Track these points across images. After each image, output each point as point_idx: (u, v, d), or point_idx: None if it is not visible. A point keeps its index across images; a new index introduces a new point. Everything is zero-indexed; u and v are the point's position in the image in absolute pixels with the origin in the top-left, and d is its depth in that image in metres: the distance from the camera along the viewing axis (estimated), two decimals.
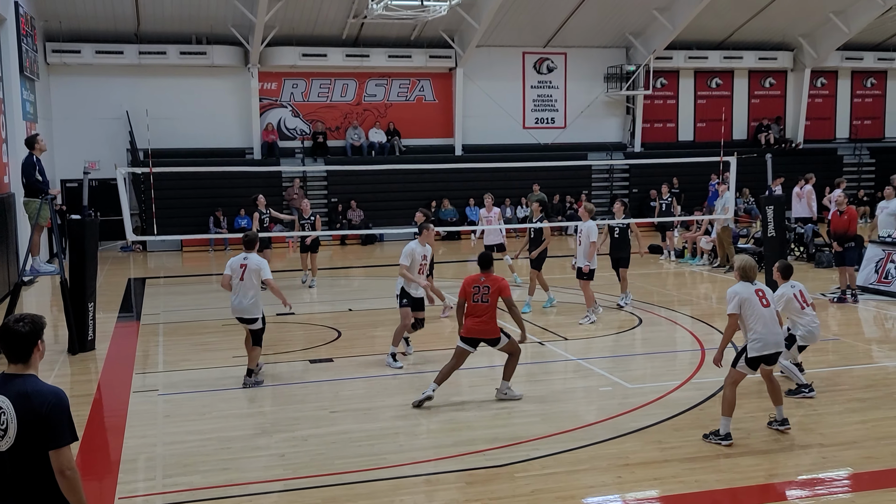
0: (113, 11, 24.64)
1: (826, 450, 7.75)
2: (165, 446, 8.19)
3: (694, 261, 20.20)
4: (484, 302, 9.28)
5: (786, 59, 31.59)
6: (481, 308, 9.29)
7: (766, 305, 7.92)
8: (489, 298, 9.28)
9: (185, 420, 9.05)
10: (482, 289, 9.33)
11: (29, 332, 4.35)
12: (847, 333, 12.85)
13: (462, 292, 9.43)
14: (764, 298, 7.95)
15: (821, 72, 32.21)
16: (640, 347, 12.30)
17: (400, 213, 26.86)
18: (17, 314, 4.48)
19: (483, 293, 9.31)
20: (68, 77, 25.57)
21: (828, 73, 32.47)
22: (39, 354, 4.42)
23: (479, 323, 9.30)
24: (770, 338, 7.87)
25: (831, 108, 33.09)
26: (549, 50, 29.70)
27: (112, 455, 8.06)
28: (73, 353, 11.93)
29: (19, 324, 4.36)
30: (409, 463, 7.58)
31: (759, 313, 7.86)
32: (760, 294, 7.94)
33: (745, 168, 17.42)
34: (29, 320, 4.39)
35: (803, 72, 31.63)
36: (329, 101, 28.18)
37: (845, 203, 15.77)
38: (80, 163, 16.75)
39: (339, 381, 10.44)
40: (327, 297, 16.86)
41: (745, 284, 8.00)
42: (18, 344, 4.34)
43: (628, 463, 7.49)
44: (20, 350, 4.35)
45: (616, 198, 29.49)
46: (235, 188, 25.24)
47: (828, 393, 9.52)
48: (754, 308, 7.86)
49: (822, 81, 32.57)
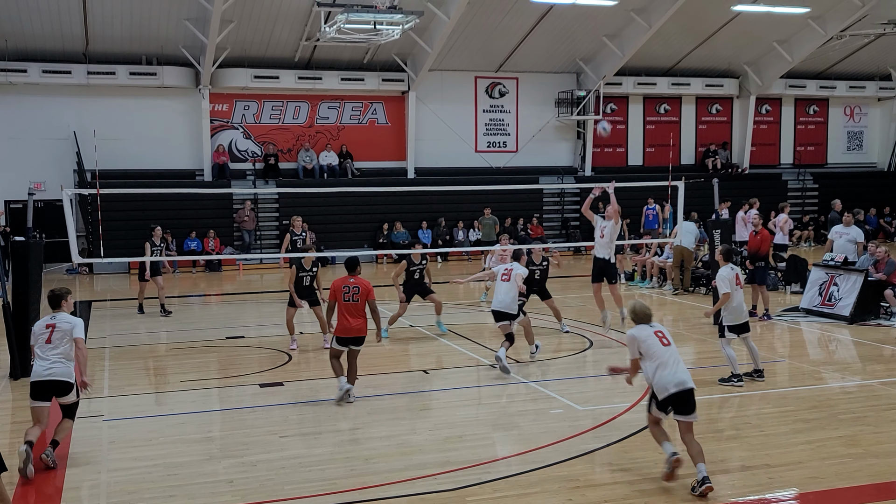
0: (61, 30, 24.31)
1: (773, 470, 7.86)
2: (110, 473, 8.01)
3: (644, 283, 20.45)
4: (354, 302, 10.08)
5: (732, 86, 32.30)
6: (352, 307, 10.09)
7: (667, 345, 7.62)
8: (359, 299, 10.09)
9: (130, 446, 8.86)
10: (352, 289, 10.13)
11: None
12: (793, 355, 13.09)
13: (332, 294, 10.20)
14: (664, 339, 7.65)
15: (765, 99, 33.00)
16: (591, 369, 12.37)
17: (352, 235, 26.84)
18: None
19: (353, 293, 10.11)
20: (14, 96, 25.13)
21: (772, 100, 33.27)
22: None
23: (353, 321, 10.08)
24: (670, 378, 7.44)
25: (776, 135, 33.88)
26: (500, 75, 29.99)
27: (56, 482, 7.85)
28: (15, 379, 11.65)
29: None
30: (360, 487, 7.52)
31: (660, 354, 7.54)
32: (660, 335, 7.66)
33: (692, 192, 17.76)
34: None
35: (749, 98, 32.37)
36: (281, 122, 28.07)
37: (760, 224, 16.40)
38: (25, 183, 16.49)
39: (289, 406, 10.33)
40: (277, 321, 16.70)
41: (643, 327, 7.73)
42: None
43: (578, 485, 7.52)
44: None
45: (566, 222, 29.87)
46: (185, 210, 24.96)
47: (775, 414, 9.68)
48: (654, 349, 7.56)
49: (767, 108, 33.35)
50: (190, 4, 23.53)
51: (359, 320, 10.13)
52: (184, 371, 12.26)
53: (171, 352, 13.58)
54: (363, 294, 10.11)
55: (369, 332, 10.45)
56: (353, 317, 10.09)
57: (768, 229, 17.79)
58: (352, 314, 10.09)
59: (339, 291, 10.16)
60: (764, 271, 16.07)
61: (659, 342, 7.60)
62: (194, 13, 23.94)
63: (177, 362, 12.87)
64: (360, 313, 10.14)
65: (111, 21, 24.19)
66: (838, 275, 15.90)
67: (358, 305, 10.10)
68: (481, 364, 12.47)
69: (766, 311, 15.82)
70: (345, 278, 10.28)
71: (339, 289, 10.17)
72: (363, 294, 10.11)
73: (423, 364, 12.62)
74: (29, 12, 23.27)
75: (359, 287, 10.13)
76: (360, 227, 27.33)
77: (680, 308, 17.47)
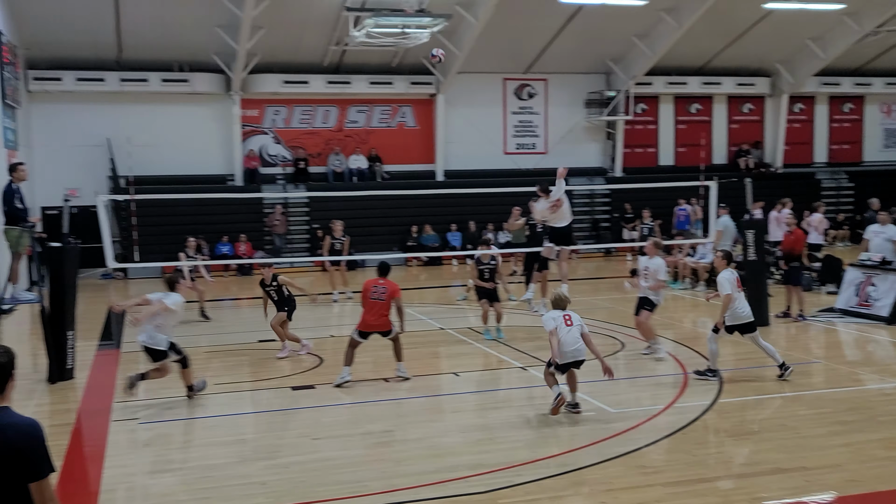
0: (94, 39, 24.63)
1: (810, 473, 7.76)
2: (146, 476, 8.10)
3: (676, 285, 20.27)
4: (381, 301, 11.17)
5: (764, 85, 31.96)
6: (378, 305, 11.19)
7: (569, 325, 9.71)
8: (385, 297, 11.18)
9: (165, 449, 8.95)
10: (379, 289, 11.22)
11: (6, 364, 4.28)
12: (829, 356, 12.91)
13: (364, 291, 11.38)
14: (569, 321, 9.75)
15: (798, 97, 32.60)
16: (623, 372, 12.28)
17: (381, 238, 26.89)
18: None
19: (380, 293, 11.20)
20: (50, 104, 25.49)
21: (805, 98, 32.86)
22: (13, 385, 4.35)
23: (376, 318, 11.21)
24: (568, 350, 9.64)
25: (809, 133, 33.46)
26: (529, 76, 29.93)
27: (91, 485, 7.94)
28: (53, 382, 11.79)
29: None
30: (391, 490, 7.52)
31: (563, 332, 9.67)
32: (566, 318, 9.75)
33: (724, 192, 17.61)
34: (3, 351, 4.31)
35: (781, 97, 32.00)
36: (311, 127, 28.23)
37: (794, 224, 16.24)
38: (60, 190, 16.69)
39: (321, 408, 10.38)
40: (309, 324, 16.77)
41: (557, 311, 9.84)
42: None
43: (612, 489, 7.47)
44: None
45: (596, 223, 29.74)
46: (217, 214, 25.17)
47: (811, 416, 9.55)
48: (560, 329, 9.66)
49: (800, 107, 32.95)
50: (221, 11, 23.74)
51: (382, 318, 11.25)
52: (217, 374, 12.36)
53: (204, 355, 13.68)
54: (389, 294, 11.21)
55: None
56: (378, 314, 11.22)
57: (802, 229, 17.59)
58: (378, 312, 11.22)
59: (367, 290, 11.31)
60: (799, 271, 15.88)
61: (564, 323, 9.69)
62: (225, 20, 24.15)
63: (210, 365, 12.96)
64: (385, 311, 11.26)
65: (143, 29, 24.48)
66: (875, 275, 15.66)
67: (384, 304, 11.20)
68: (512, 366, 12.44)
69: (800, 311, 15.62)
70: (375, 280, 11.39)
71: (369, 288, 11.30)
72: (389, 294, 11.21)
73: (454, 366, 12.62)
74: (63, 22, 23.61)
75: (386, 288, 11.22)
76: (389, 230, 27.38)
77: (713, 309, 17.28)
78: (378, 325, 11.30)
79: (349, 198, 25.42)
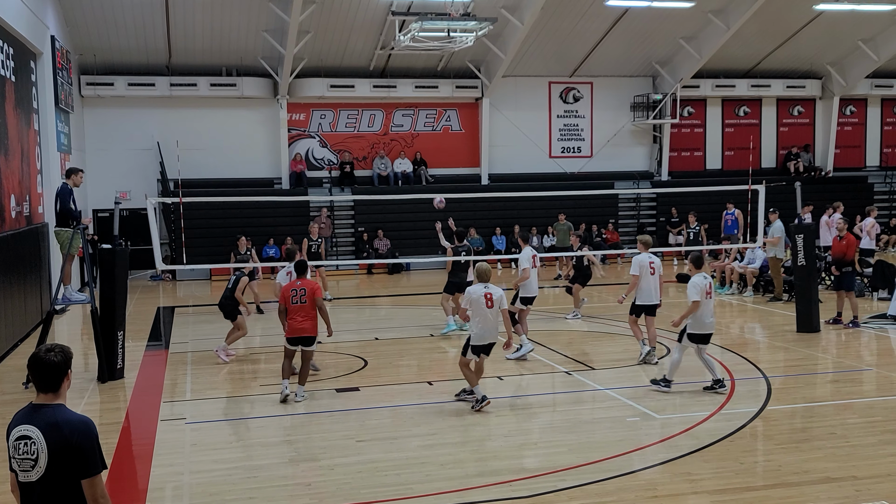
0: (145, 45, 25.10)
1: (860, 482, 7.61)
2: (192, 475, 8.22)
3: (723, 290, 20.01)
4: (302, 303, 10.59)
5: (814, 87, 31.43)
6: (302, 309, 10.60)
7: (490, 307, 9.61)
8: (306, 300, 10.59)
9: (212, 449, 9.07)
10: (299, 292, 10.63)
11: (60, 362, 4.39)
12: (881, 364, 12.65)
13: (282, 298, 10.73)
14: (490, 301, 9.62)
15: (850, 100, 32.00)
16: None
17: (426, 242, 26.92)
18: (47, 344, 4.52)
19: (300, 296, 10.60)
20: (101, 109, 26.01)
21: (857, 100, 32.25)
22: (68, 384, 4.47)
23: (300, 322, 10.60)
24: (486, 333, 9.63)
25: (861, 136, 32.82)
26: (575, 79, 29.79)
27: (140, 483, 8.09)
28: (103, 382, 12.03)
29: (51, 354, 4.37)
30: (435, 493, 7.54)
31: (483, 312, 9.59)
32: (488, 296, 9.61)
33: (774, 196, 17.34)
34: (59, 350, 4.41)
35: (832, 100, 31.45)
36: (356, 131, 28.41)
37: (845, 229, 15.81)
38: (111, 193, 17.01)
39: (366, 410, 10.44)
40: (354, 326, 16.90)
41: (479, 286, 9.72)
42: (50, 374, 4.36)
43: (657, 495, 7.40)
44: (51, 380, 4.37)
45: (642, 227, 29.48)
46: (264, 217, 25.45)
47: (862, 424, 9.37)
48: (480, 307, 9.56)
49: (852, 109, 32.35)
50: (268, 16, 24.02)
51: (307, 321, 10.65)
52: (262, 375, 12.50)
53: (250, 356, 13.84)
54: (310, 294, 10.66)
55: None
56: (302, 317, 10.63)
57: (853, 234, 17.24)
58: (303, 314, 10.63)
59: (287, 296, 10.70)
60: (851, 277, 15.56)
61: (485, 302, 9.61)
62: (272, 25, 24.44)
63: (255, 367, 13.12)
64: (310, 313, 10.68)
65: (192, 34, 24.87)
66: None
67: (307, 306, 10.65)
68: (556, 370, 12.39)
69: (854, 317, 15.29)
70: (292, 283, 10.90)
71: (288, 293, 10.72)
72: (310, 294, 10.66)
73: (497, 370, 12.60)
74: (115, 28, 24.10)
75: (305, 288, 10.69)
76: (433, 233, 27.34)
77: (761, 315, 17.06)
78: (302, 330, 10.65)
79: (394, 201, 25.53)
